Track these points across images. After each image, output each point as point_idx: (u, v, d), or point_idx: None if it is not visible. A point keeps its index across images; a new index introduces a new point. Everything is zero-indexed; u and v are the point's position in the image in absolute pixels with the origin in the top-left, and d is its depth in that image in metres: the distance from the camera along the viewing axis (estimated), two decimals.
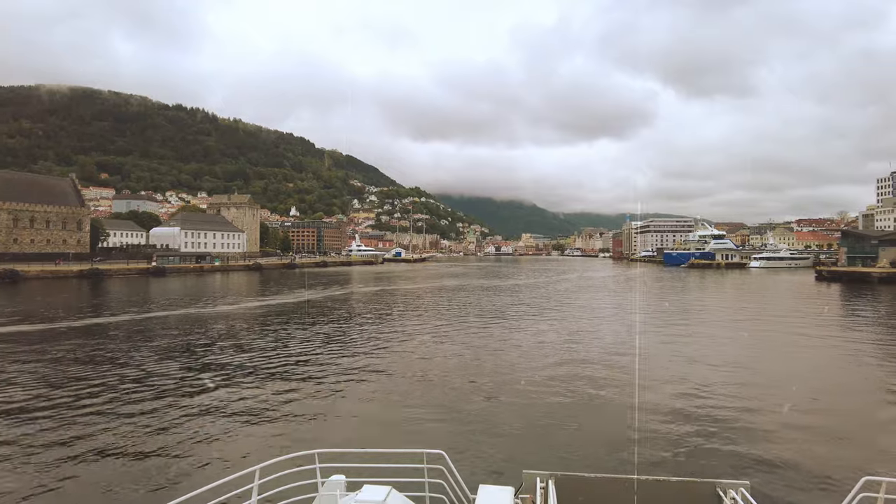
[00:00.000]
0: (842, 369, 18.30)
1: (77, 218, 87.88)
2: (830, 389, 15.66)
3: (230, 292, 49.16)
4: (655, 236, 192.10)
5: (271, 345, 21.56)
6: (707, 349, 21.29)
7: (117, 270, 69.13)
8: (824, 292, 52.52)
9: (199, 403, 13.29)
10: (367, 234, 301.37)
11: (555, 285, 60.81)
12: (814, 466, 9.69)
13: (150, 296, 44.65)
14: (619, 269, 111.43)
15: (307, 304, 37.53)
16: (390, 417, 12.55)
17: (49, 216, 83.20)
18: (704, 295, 51.99)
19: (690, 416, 12.50)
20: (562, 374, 16.69)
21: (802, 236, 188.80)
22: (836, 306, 40.08)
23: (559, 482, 5.15)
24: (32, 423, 11.79)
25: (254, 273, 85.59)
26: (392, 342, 22.71)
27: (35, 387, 14.80)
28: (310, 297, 40.87)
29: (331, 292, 46.90)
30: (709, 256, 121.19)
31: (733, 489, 4.99)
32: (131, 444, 10.59)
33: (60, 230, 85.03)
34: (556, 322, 28.83)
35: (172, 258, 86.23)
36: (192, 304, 36.89)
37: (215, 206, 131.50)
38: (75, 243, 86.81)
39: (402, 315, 32.76)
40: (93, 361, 18.09)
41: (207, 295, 45.68)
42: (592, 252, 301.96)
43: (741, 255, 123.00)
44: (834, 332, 26.79)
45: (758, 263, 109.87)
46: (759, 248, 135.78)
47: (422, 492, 5.14)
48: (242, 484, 4.68)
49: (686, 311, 36.17)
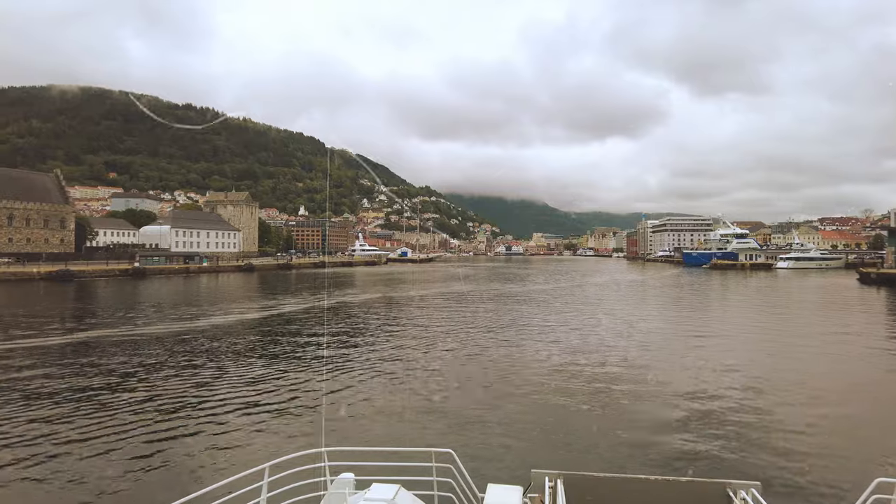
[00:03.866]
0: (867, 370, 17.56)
1: (60, 216, 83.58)
2: (844, 389, 15.46)
3: (198, 300, 43.81)
4: (672, 235, 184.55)
5: (286, 348, 21.12)
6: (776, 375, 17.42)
7: (92, 272, 64.32)
8: (879, 299, 45.56)
9: (207, 404, 13.29)
10: (376, 233, 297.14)
11: (582, 290, 53.79)
12: (826, 467, 9.59)
13: (101, 305, 39.38)
14: (645, 272, 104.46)
15: (277, 318, 31.83)
16: (399, 416, 12.48)
17: (29, 214, 78.94)
18: (745, 300, 45.41)
19: (702, 415, 12.47)
20: (571, 373, 16.56)
21: (828, 235, 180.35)
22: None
23: (568, 481, 5.07)
24: (38, 424, 11.69)
25: (244, 275, 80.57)
26: (398, 347, 21.79)
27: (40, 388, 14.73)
28: (283, 311, 34.39)
29: (311, 302, 40.69)
30: (731, 256, 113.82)
31: (744, 490, 4.86)
32: (141, 443, 10.59)
33: (42, 229, 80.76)
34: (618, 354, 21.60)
35: (157, 258, 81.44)
36: (136, 318, 31.41)
37: (211, 203, 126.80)
38: (58, 242, 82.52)
39: (394, 334, 27.02)
40: (92, 365, 17.67)
41: (171, 303, 40.33)
42: (605, 252, 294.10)
43: (766, 256, 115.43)
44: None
45: (785, 264, 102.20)
46: (783, 248, 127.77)
47: (430, 490, 5.09)
48: (252, 482, 4.69)
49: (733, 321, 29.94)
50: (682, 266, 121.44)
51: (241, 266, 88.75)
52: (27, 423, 11.91)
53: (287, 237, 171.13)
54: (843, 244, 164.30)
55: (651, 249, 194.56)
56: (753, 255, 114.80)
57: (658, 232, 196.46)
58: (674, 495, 4.98)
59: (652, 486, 5.03)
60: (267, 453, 9.65)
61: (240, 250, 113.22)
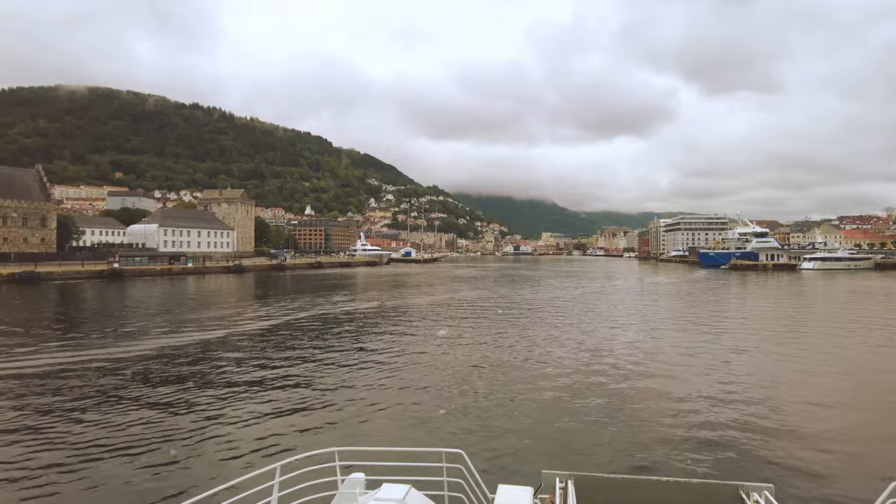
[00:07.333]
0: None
1: (41, 214, 79.60)
2: (860, 392, 14.99)
3: (149, 312, 38.99)
4: (686, 234, 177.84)
5: (290, 351, 20.67)
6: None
7: (62, 274, 59.89)
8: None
9: (218, 404, 13.17)
10: (382, 233, 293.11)
11: (608, 296, 47.85)
12: (841, 470, 9.39)
13: (40, 316, 34.73)
14: (662, 274, 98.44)
15: (216, 343, 26.85)
16: (409, 417, 12.42)
17: (7, 211, 75.02)
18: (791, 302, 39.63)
19: (715, 416, 12.29)
20: (583, 375, 16.24)
21: (851, 234, 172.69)
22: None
23: (579, 482, 5.06)
24: (44, 426, 11.60)
25: (232, 276, 76.00)
26: (408, 347, 21.43)
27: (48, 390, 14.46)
28: (244, 329, 28.72)
29: (288, 315, 34.89)
30: (751, 256, 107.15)
31: (756, 492, 4.82)
32: (152, 444, 10.53)
33: (21, 227, 76.78)
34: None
35: (139, 259, 77.03)
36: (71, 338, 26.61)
37: (206, 201, 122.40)
38: (38, 242, 78.55)
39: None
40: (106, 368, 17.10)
41: (121, 315, 35.30)
42: (616, 252, 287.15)
43: (789, 255, 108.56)
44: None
45: (811, 265, 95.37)
46: (806, 248, 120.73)
47: (441, 490, 5.07)
48: (263, 481, 4.70)
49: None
50: (698, 267, 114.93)
51: (229, 267, 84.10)
52: (28, 422, 11.93)
53: (288, 237, 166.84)
54: (868, 243, 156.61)
55: (664, 249, 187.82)
56: (775, 255, 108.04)
57: (671, 231, 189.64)
58: (685, 497, 4.90)
59: (663, 487, 4.98)
60: (278, 453, 9.83)
61: (234, 250, 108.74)
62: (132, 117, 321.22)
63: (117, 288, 52.00)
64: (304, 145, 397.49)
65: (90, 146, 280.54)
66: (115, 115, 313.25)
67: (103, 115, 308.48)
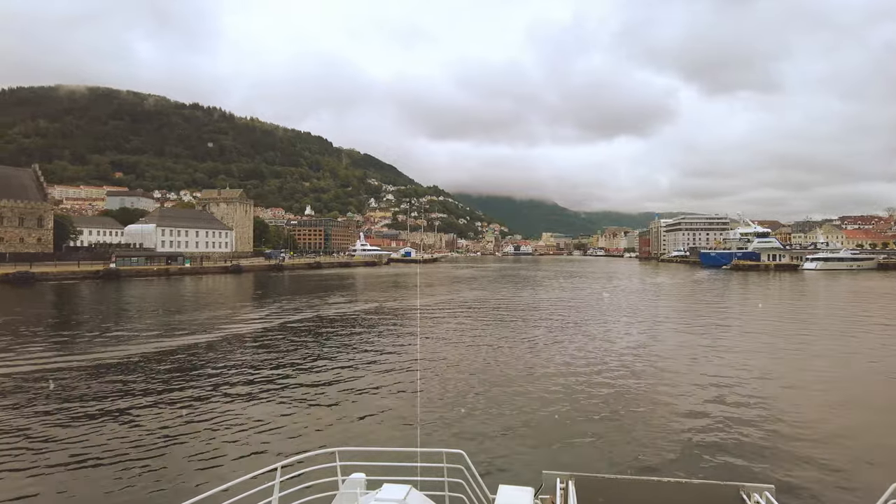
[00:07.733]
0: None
1: (37, 213, 79.01)
2: (862, 393, 14.85)
3: (144, 313, 38.31)
4: (687, 234, 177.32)
5: (291, 352, 20.36)
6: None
7: (58, 274, 59.28)
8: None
9: (218, 405, 13.09)
10: (382, 233, 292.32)
11: (608, 296, 46.92)
12: (842, 471, 9.35)
13: (33, 319, 34.12)
14: (664, 274, 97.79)
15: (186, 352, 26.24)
16: (410, 417, 12.20)
17: (2, 211, 74.44)
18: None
19: (715, 417, 12.19)
20: (584, 375, 16.06)
21: (853, 234, 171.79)
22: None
23: (579, 483, 5.07)
24: (44, 428, 11.47)
25: (229, 277, 75.41)
26: (409, 347, 21.33)
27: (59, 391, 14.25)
28: (223, 335, 28.12)
29: (285, 317, 34.01)
30: (753, 256, 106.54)
31: (757, 493, 4.81)
32: (154, 444, 10.50)
33: (17, 227, 76.19)
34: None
35: (136, 259, 76.38)
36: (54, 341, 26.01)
37: (204, 201, 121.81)
38: (35, 242, 77.97)
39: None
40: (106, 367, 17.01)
41: (108, 318, 34.70)
42: (616, 252, 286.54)
43: (791, 256, 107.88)
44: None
45: (814, 265, 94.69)
46: (808, 248, 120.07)
47: (441, 491, 5.08)
48: (264, 481, 4.73)
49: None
50: (699, 267, 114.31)
51: (227, 267, 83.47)
52: (28, 423, 11.82)
53: (287, 237, 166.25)
54: (870, 243, 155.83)
55: (665, 249, 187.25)
56: (777, 255, 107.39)
57: (672, 231, 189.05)
58: (686, 497, 4.90)
59: (664, 487, 4.98)
60: (279, 453, 9.82)
61: (232, 250, 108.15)
62: (132, 117, 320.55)
63: (113, 289, 51.35)
64: (304, 145, 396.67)
65: (90, 146, 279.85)
66: (114, 115, 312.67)
67: (103, 115, 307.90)
